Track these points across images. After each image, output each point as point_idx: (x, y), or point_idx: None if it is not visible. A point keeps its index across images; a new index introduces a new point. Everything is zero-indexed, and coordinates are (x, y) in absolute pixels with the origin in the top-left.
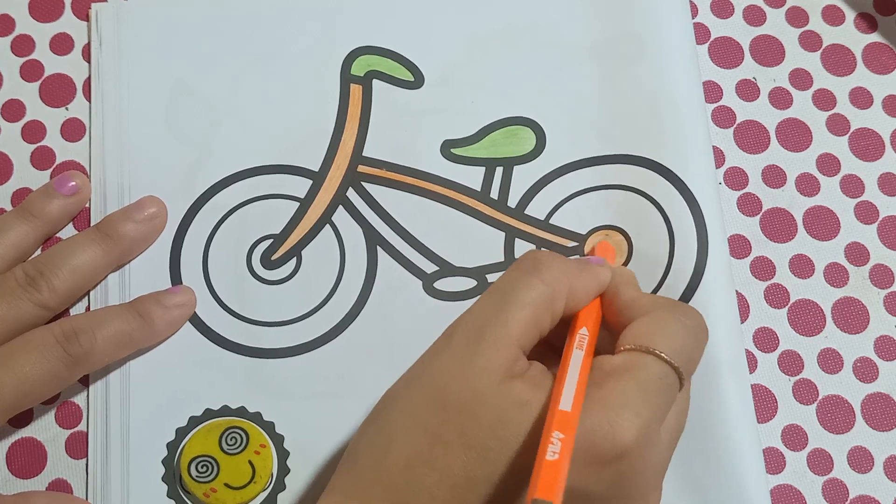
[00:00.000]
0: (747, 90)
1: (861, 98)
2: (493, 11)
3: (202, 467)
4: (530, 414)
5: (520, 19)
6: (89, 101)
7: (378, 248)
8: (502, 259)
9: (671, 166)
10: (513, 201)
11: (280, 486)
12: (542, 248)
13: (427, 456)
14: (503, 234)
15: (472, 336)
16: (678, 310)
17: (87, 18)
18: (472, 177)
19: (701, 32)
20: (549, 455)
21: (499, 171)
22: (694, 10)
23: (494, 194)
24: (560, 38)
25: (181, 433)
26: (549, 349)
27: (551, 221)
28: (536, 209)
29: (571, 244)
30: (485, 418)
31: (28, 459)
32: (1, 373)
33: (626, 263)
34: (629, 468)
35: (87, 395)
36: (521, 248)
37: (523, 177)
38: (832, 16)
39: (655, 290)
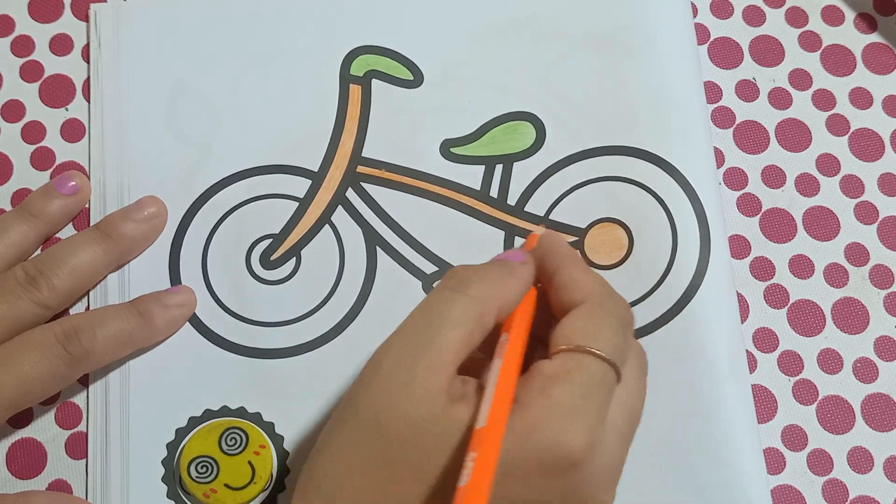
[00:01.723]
0: (747, 90)
1: (861, 98)
2: (492, 5)
3: (202, 468)
4: (469, 437)
5: (519, 12)
6: (89, 102)
7: (377, 248)
8: None
9: (673, 161)
10: (512, 199)
11: (280, 486)
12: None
13: (381, 496)
14: (503, 232)
15: (405, 362)
16: (608, 301)
17: (86, 19)
18: (471, 176)
19: (700, 33)
20: (461, 480)
21: (498, 168)
22: (693, 11)
23: (494, 192)
24: (560, 29)
25: (181, 434)
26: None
27: (551, 217)
28: (536, 205)
29: (571, 239)
30: (432, 449)
31: (28, 460)
32: (1, 371)
33: (625, 259)
34: (581, 474)
35: (87, 396)
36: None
37: (523, 173)
38: (832, 16)
39: (654, 289)
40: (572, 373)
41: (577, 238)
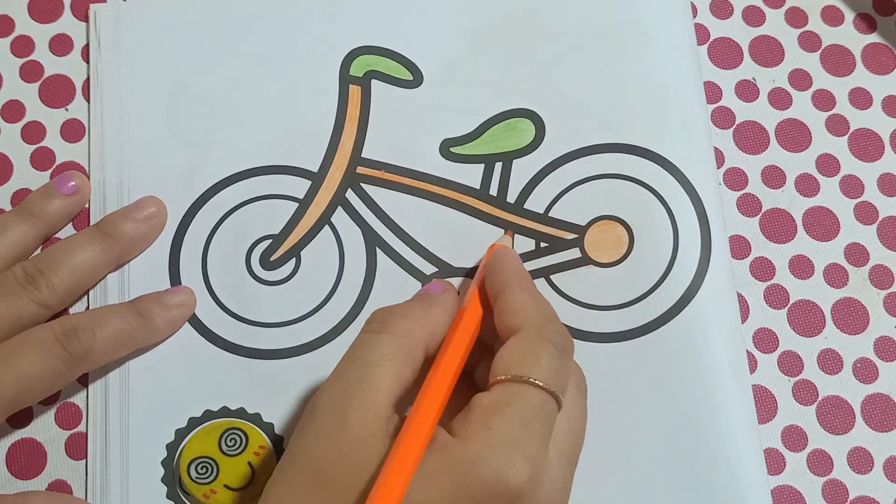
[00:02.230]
0: (747, 91)
1: (860, 98)
2: (491, 3)
3: (202, 468)
4: None
5: (518, 9)
6: (89, 102)
7: (377, 249)
8: None
9: (673, 160)
10: (512, 196)
11: None
12: (391, 305)
13: None
14: (502, 231)
15: (337, 406)
16: (546, 326)
17: (86, 19)
18: (471, 175)
19: (700, 33)
20: None
21: (498, 166)
22: (693, 11)
23: (493, 191)
24: (559, 26)
25: (180, 434)
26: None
27: (551, 214)
28: (536, 202)
29: (571, 236)
30: (371, 488)
31: (28, 460)
32: (0, 370)
33: (625, 257)
34: None
35: (87, 396)
36: (521, 243)
37: (523, 170)
38: (831, 16)
39: (655, 288)
40: (511, 403)
41: (577, 235)
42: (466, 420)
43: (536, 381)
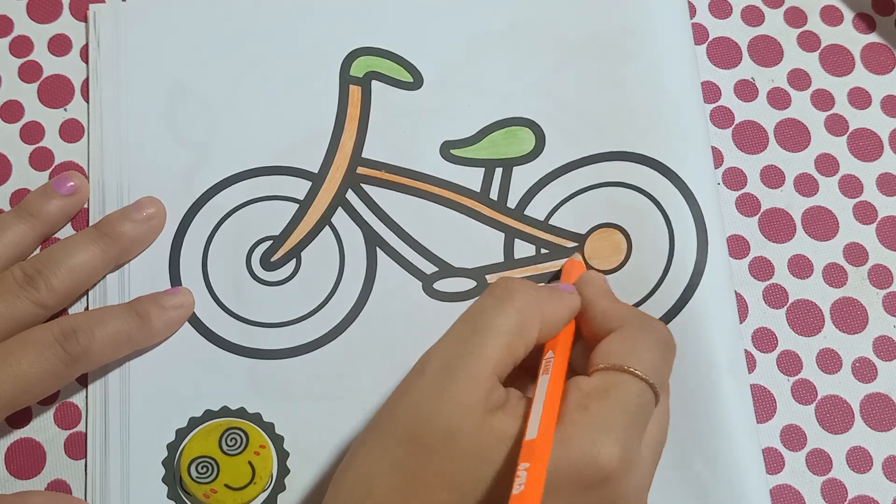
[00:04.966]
0: (746, 90)
1: (859, 98)
2: (492, 10)
3: (202, 468)
4: (508, 447)
5: (519, 17)
6: (87, 102)
7: (377, 249)
8: (502, 260)
9: (670, 164)
10: (512, 202)
11: (280, 486)
12: (516, 277)
13: (408, 498)
14: (503, 234)
15: (446, 369)
16: (647, 324)
17: (85, 19)
18: (471, 178)
19: (699, 33)
20: (514, 489)
21: (498, 171)
22: (692, 11)
23: (494, 195)
24: (559, 35)
25: (181, 434)
26: (526, 373)
27: (551, 222)
28: (536, 210)
29: (571, 245)
30: (465, 458)
31: (27, 460)
32: None
33: (624, 262)
34: (613, 492)
35: (86, 396)
36: (521, 248)
37: (523, 177)
38: (831, 16)
39: (654, 291)
40: (610, 390)
41: (576, 244)
42: (563, 402)
43: (637, 372)
